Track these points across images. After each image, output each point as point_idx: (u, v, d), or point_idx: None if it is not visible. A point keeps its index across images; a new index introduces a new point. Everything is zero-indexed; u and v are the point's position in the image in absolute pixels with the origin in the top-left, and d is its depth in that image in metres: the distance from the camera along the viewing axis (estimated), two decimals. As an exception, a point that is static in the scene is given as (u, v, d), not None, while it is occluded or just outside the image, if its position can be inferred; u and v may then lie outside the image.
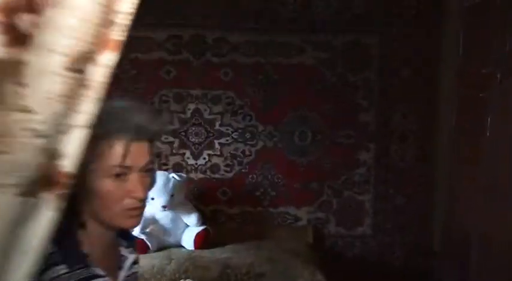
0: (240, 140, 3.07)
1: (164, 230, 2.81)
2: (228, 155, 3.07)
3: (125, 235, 1.17)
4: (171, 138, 3.03)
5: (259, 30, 3.01)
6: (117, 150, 1.00)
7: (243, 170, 3.09)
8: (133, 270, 1.17)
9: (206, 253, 2.71)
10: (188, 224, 2.84)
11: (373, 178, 3.17)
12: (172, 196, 2.73)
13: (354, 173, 3.15)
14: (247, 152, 3.09)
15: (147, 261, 2.58)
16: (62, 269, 1.00)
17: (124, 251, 1.15)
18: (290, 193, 3.14)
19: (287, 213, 3.15)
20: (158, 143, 2.99)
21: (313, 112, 3.09)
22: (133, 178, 1.02)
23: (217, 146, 3.07)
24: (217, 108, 3.04)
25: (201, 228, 2.81)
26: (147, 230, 2.77)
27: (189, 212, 2.84)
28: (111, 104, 1.04)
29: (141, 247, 2.68)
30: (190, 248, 2.78)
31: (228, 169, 3.09)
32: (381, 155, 3.16)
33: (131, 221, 1.06)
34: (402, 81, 3.12)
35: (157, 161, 3.01)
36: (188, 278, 2.44)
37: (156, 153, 2.99)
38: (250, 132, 3.08)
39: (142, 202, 1.05)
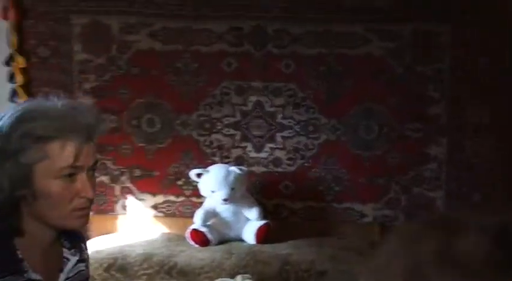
0: (302, 133, 2.99)
1: (225, 224, 2.79)
2: (291, 148, 3.00)
3: (69, 235, 1.15)
4: (232, 131, 3.00)
5: (320, 20, 2.90)
6: (69, 150, 0.99)
7: (305, 164, 3.01)
8: (78, 269, 1.15)
9: (267, 248, 2.66)
10: (249, 218, 2.80)
11: (445, 174, 2.98)
12: (233, 189, 2.70)
13: (423, 169, 2.98)
14: (310, 146, 3.00)
15: (208, 254, 2.57)
16: None
17: (66, 253, 1.13)
18: (355, 188, 3.02)
19: (352, 209, 3.04)
20: (220, 136, 2.99)
21: (380, 105, 2.95)
22: (82, 178, 1.02)
23: (279, 139, 3.00)
24: (279, 101, 2.98)
25: (262, 222, 2.77)
26: (209, 223, 2.77)
27: (250, 205, 2.80)
28: (56, 104, 1.03)
29: (202, 240, 2.68)
30: (251, 243, 2.74)
31: (291, 163, 3.02)
32: (454, 150, 2.97)
33: (79, 221, 1.05)
34: (477, 71, 2.91)
35: (219, 154, 3.00)
36: (247, 273, 2.40)
37: (218, 145, 2.98)
38: (313, 125, 2.98)
39: (91, 202, 1.05)
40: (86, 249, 1.23)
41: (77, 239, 1.18)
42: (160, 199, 3.01)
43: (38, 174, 0.99)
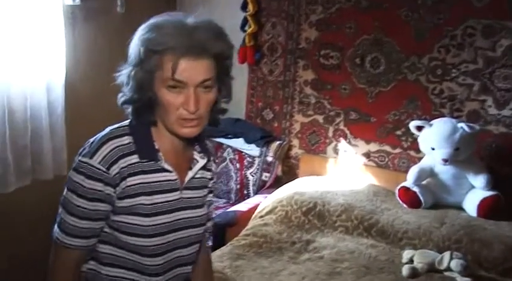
0: None
1: (443, 187, 2.43)
2: (544, 108, 2.40)
3: (202, 143, 1.25)
4: (470, 81, 2.51)
5: None
6: (169, 64, 1.06)
7: None
8: (203, 175, 1.26)
9: (490, 225, 2.23)
10: (474, 185, 2.38)
11: None
12: (457, 149, 2.30)
13: None
14: None
15: (415, 218, 2.28)
16: (133, 158, 1.12)
17: (196, 155, 1.24)
18: None
19: None
20: (454, 85, 2.54)
21: None
22: (188, 92, 1.08)
23: (531, 95, 2.41)
24: (541, 48, 2.36)
25: (489, 193, 2.33)
26: (423, 183, 2.44)
27: (476, 171, 2.37)
28: (180, 19, 1.08)
29: (412, 201, 2.39)
30: (471, 214, 2.34)
31: (543, 126, 2.42)
32: None
33: (184, 130, 1.12)
34: None
35: (450, 106, 2.57)
36: (458, 251, 2.04)
37: (449, 96, 2.55)
38: None
39: (195, 114, 1.09)
40: (214, 162, 1.34)
41: (207, 148, 1.28)
42: (374, 147, 2.76)
43: (156, 81, 1.09)
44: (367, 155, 2.77)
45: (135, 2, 2.83)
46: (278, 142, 2.90)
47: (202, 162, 1.24)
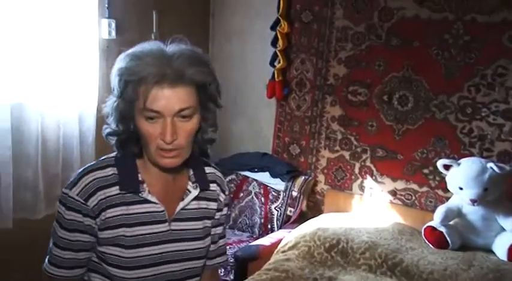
0: None
1: (471, 228, 2.36)
2: None
3: (199, 171, 1.23)
4: (501, 120, 2.47)
5: None
6: (143, 94, 1.04)
7: None
8: (202, 206, 1.22)
9: (522, 270, 2.14)
10: (504, 227, 2.31)
11: None
12: (486, 189, 2.25)
13: None
14: None
15: (441, 259, 2.22)
16: (113, 190, 1.11)
17: (190, 185, 1.20)
18: None
19: None
20: (483, 124, 2.50)
21: None
22: (165, 122, 1.05)
23: None
24: None
25: (521, 237, 2.25)
26: (451, 223, 2.38)
27: (506, 213, 2.30)
28: (159, 48, 1.06)
29: (438, 241, 2.33)
30: (501, 258, 2.26)
31: None
32: None
33: (164, 161, 1.09)
34: None
35: (479, 146, 2.52)
36: (486, 295, 1.97)
37: (479, 135, 2.50)
38: None
39: (173, 145, 1.07)
40: (222, 192, 1.28)
41: (206, 177, 1.24)
42: (401, 185, 2.72)
43: (135, 111, 1.07)
44: (394, 193, 2.73)
45: (169, 36, 2.91)
46: (304, 177, 2.89)
47: (195, 192, 1.20)
